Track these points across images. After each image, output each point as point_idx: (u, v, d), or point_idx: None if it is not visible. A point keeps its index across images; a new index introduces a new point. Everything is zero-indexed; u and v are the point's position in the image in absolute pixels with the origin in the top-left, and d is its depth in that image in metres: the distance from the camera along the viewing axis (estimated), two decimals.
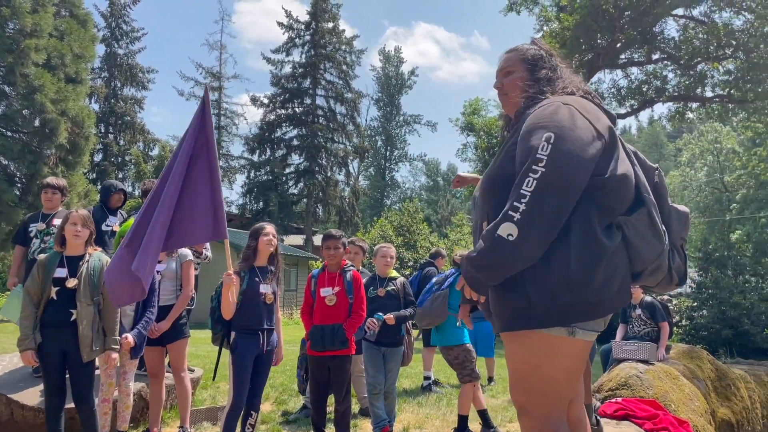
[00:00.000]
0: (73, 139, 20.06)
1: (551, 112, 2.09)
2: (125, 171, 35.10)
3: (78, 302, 3.91)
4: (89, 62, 22.40)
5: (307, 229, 36.35)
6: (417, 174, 62.27)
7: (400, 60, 55.52)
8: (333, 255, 4.58)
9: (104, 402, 4.29)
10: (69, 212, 4.10)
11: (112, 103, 35.56)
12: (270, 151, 38.39)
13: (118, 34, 36.87)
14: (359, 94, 40.03)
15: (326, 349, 4.43)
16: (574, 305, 2.03)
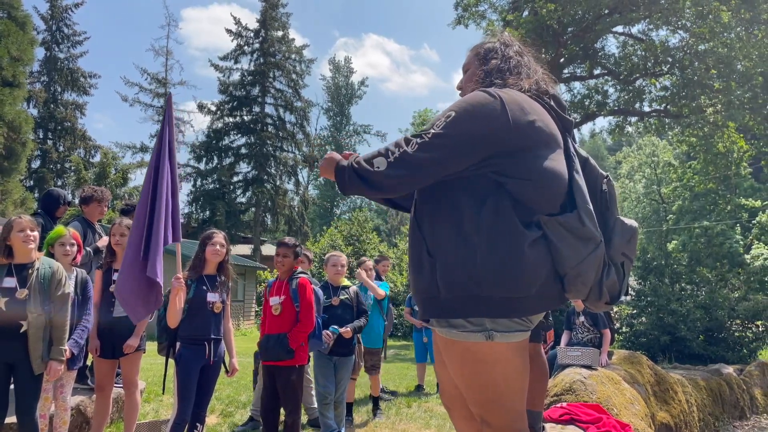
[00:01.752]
0: (9, 144, 19.24)
1: (468, 96, 2.14)
2: (65, 178, 33.85)
3: (29, 313, 3.73)
4: (27, 65, 21.59)
5: (256, 239, 35.83)
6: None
7: (351, 70, 55.71)
8: (281, 263, 4.53)
9: (41, 417, 4.08)
10: (12, 219, 3.91)
11: (51, 108, 34.27)
12: (217, 159, 37.71)
13: (59, 38, 35.61)
14: (309, 103, 39.85)
15: (272, 359, 4.38)
16: (481, 299, 2.00)
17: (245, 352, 13.26)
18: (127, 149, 38.53)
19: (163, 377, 4.44)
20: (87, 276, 4.41)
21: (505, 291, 1.99)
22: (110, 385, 4.66)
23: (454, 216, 2.08)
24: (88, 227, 5.48)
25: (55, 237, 4.30)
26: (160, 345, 4.28)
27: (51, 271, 3.89)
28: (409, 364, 11.57)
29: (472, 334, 2.04)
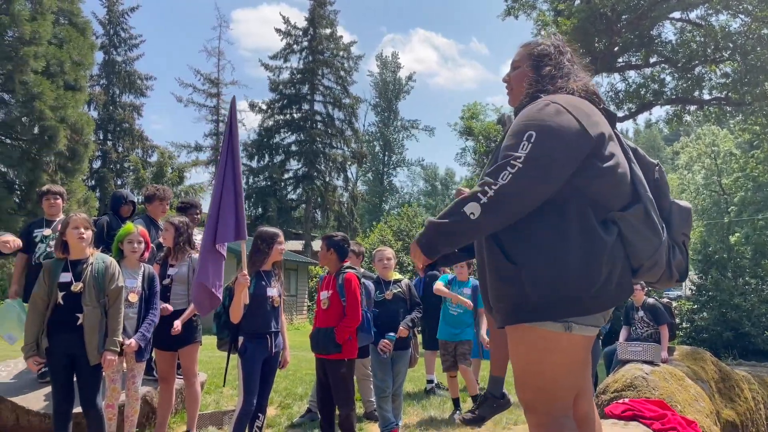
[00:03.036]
0: (72, 146, 20.04)
1: (537, 111, 2.14)
2: (124, 178, 35.03)
3: (84, 306, 3.92)
4: (88, 69, 22.41)
5: (306, 235, 36.31)
6: (415, 179, 62.16)
7: (398, 66, 55.63)
8: (326, 257, 4.61)
9: (109, 407, 4.28)
10: (68, 217, 4.10)
11: (110, 110, 35.51)
12: (268, 156, 38.37)
13: (117, 42, 36.85)
14: (357, 100, 40.06)
15: (321, 352, 4.45)
16: (571, 300, 2.06)
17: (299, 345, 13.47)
18: (182, 149, 39.61)
19: (224, 370, 4.56)
20: (153, 271, 4.59)
21: (592, 290, 2.06)
22: (172, 376, 4.84)
23: (536, 223, 2.11)
24: (152, 224, 5.67)
25: (124, 234, 4.48)
26: (221, 341, 4.39)
27: (104, 266, 4.06)
28: None
29: (551, 323, 2.10)
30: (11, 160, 19.00)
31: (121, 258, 4.45)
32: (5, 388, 4.91)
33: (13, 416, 4.69)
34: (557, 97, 2.20)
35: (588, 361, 2.29)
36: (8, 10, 18.17)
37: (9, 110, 19.37)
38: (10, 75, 18.35)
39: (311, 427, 5.39)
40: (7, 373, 5.29)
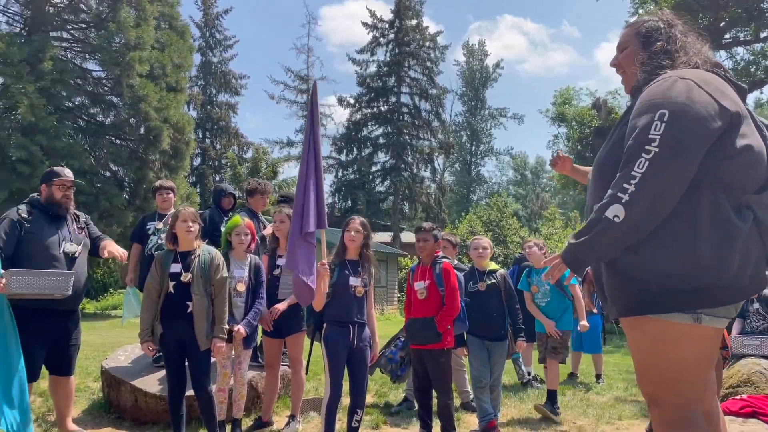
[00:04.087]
0: (174, 144, 21.16)
1: (666, 88, 1.98)
2: (222, 174, 36.68)
3: (193, 295, 4.14)
4: (187, 71, 23.55)
5: (395, 226, 36.58)
6: (504, 168, 60.96)
7: (485, 53, 54.72)
8: (422, 247, 4.59)
9: (220, 391, 4.51)
10: (177, 211, 4.32)
11: (208, 110, 37.28)
12: (357, 150, 38.93)
13: (212, 43, 38.58)
14: (444, 90, 39.81)
15: (419, 342, 4.46)
16: (701, 290, 1.92)
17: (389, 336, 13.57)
18: (275, 144, 40.98)
19: (308, 356, 4.66)
20: (260, 262, 4.77)
21: (725, 280, 1.92)
22: (278, 363, 5.03)
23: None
24: (253, 217, 5.90)
25: (232, 227, 4.68)
26: (308, 327, 4.51)
27: (210, 257, 4.26)
28: None
29: (678, 314, 1.98)
30: (121, 159, 20.33)
31: (229, 249, 4.66)
32: (125, 371, 5.28)
33: (132, 398, 5.03)
34: (685, 72, 2.05)
35: (716, 354, 2.14)
36: (115, 18, 19.39)
37: (118, 112, 20.71)
38: (118, 79, 19.60)
39: (408, 416, 5.44)
40: (125, 357, 5.68)
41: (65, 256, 4.36)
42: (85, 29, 21.08)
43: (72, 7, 20.44)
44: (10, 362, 3.98)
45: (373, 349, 4.42)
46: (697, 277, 1.91)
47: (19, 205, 4.49)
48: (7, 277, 3.92)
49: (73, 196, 4.62)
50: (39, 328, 4.24)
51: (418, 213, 38.78)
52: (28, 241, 4.26)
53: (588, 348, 7.86)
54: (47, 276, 4.08)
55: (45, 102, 17.34)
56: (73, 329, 4.52)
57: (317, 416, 5.26)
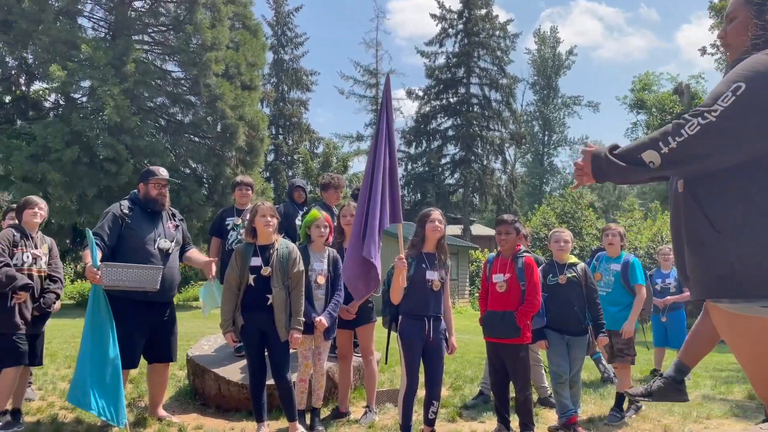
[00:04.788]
0: (250, 141, 21.79)
1: (755, 61, 1.87)
2: (294, 169, 37.49)
3: (273, 287, 4.24)
4: (261, 69, 24.18)
5: (465, 219, 36.30)
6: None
7: (557, 40, 53.25)
8: (504, 240, 4.50)
9: (301, 381, 4.61)
10: (256, 206, 4.43)
11: (280, 106, 38.17)
12: (426, 143, 38.86)
13: (284, 41, 39.42)
14: (514, 79, 39.11)
15: (497, 336, 4.40)
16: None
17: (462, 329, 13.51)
18: (345, 139, 41.53)
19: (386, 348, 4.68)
20: (337, 255, 4.83)
21: None
22: (350, 354, 5.09)
23: (749, 189, 1.88)
24: (327, 211, 5.98)
25: (311, 220, 4.77)
26: (384, 318, 4.52)
27: (288, 251, 4.36)
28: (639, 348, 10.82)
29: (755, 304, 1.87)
30: (200, 156, 21.13)
31: (308, 243, 4.74)
32: (209, 360, 5.49)
33: (216, 386, 5.22)
34: None
35: None
36: (192, 20, 20.13)
37: (196, 111, 21.52)
38: (196, 79, 20.34)
39: (484, 410, 5.39)
40: (209, 346, 5.90)
41: (160, 252, 4.62)
42: (165, 32, 22.00)
43: (152, 10, 21.35)
44: (104, 350, 4.22)
45: (449, 342, 4.39)
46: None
47: (121, 201, 4.78)
48: (103, 270, 4.19)
49: (168, 194, 4.86)
50: (138, 319, 4.52)
51: (488, 205, 38.34)
52: (127, 237, 4.56)
53: (673, 343, 7.54)
54: (138, 270, 4.32)
55: (129, 103, 18.22)
56: (170, 319, 4.79)
57: (393, 407, 5.29)
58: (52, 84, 19.52)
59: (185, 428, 4.61)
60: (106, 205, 18.23)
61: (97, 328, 4.24)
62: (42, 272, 4.61)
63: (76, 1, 19.86)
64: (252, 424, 4.64)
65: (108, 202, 18.39)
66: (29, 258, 4.52)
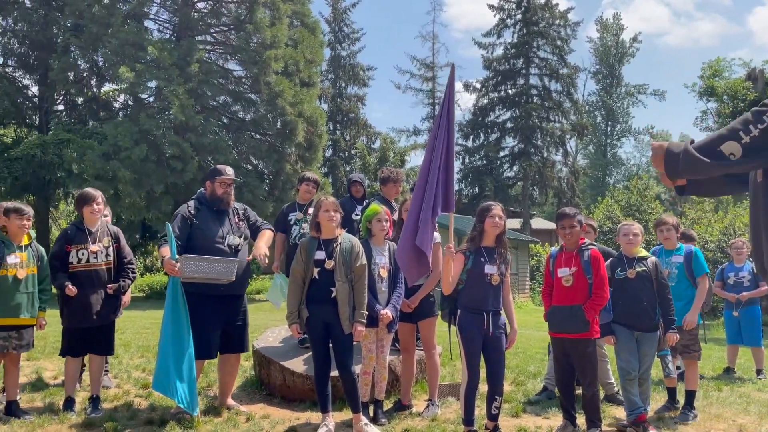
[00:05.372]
0: (309, 137, 22.09)
1: None
2: (352, 164, 37.79)
3: (336, 281, 4.30)
4: (319, 66, 24.47)
5: (524, 213, 35.73)
6: (644, 149, 57.19)
7: (620, 28, 51.51)
8: (569, 234, 4.40)
9: (365, 374, 4.66)
10: (320, 201, 4.49)
11: (338, 102, 38.52)
12: (483, 135, 38.44)
13: (341, 37, 39.73)
14: (575, 69, 38.15)
15: (564, 331, 4.31)
16: None
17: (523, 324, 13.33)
18: (401, 134, 41.58)
19: (448, 342, 4.67)
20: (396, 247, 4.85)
21: None
22: (413, 347, 5.10)
23: None
24: (387, 205, 6.00)
25: (371, 214, 4.80)
26: (442, 312, 4.51)
27: (351, 245, 4.40)
28: (711, 345, 10.41)
29: None
30: (261, 152, 21.59)
31: (369, 236, 4.78)
32: (274, 351, 5.61)
33: (281, 376, 5.34)
34: None
35: None
36: (252, 19, 20.54)
37: (257, 109, 21.97)
38: (257, 77, 20.76)
39: (548, 406, 5.30)
40: (273, 338, 6.04)
41: (229, 248, 4.80)
42: (226, 31, 22.55)
43: (214, 11, 21.91)
44: (182, 341, 4.41)
45: (510, 336, 4.34)
46: None
47: (188, 202, 4.98)
48: (182, 262, 4.39)
49: (233, 193, 5.02)
50: (213, 311, 4.71)
51: (549, 198, 37.64)
52: (197, 236, 4.76)
53: (747, 341, 7.21)
54: (215, 262, 4.53)
55: (193, 102, 18.77)
56: (241, 311, 4.96)
57: (455, 401, 5.27)
58: (121, 85, 20.35)
59: (253, 417, 4.73)
60: (172, 201, 19.02)
61: (176, 319, 4.45)
62: (106, 264, 4.77)
63: (143, 4, 20.60)
64: (317, 414, 4.72)
65: (174, 198, 19.11)
66: (84, 254, 4.66)
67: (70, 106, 23.91)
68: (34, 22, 21.68)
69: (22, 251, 4.57)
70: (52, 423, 4.43)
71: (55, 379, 5.80)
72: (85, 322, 4.66)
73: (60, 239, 4.80)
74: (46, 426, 4.36)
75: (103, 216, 5.25)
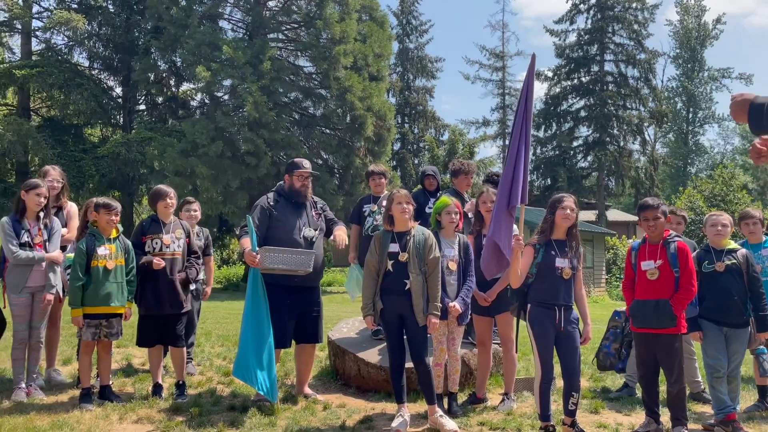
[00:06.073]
0: (377, 131, 22.21)
1: None
2: (420, 157, 37.69)
3: (410, 273, 4.30)
4: (387, 59, 24.51)
5: (600, 204, 34.60)
6: (728, 136, 54.16)
7: (702, 9, 48.85)
8: (653, 226, 4.22)
9: (437, 366, 4.65)
10: (392, 194, 4.51)
11: (406, 95, 38.47)
12: (556, 125, 37.42)
13: (409, 30, 39.59)
14: (654, 54, 36.51)
15: (648, 326, 4.15)
16: None
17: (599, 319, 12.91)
18: (470, 125, 41.12)
19: (515, 336, 4.59)
20: (468, 241, 4.82)
21: None
22: (489, 341, 5.05)
23: None
24: (458, 197, 5.95)
25: (441, 207, 4.78)
26: (512, 306, 4.43)
27: (424, 237, 4.39)
28: None
29: None
30: (331, 147, 21.91)
31: (439, 229, 4.76)
32: (348, 342, 5.69)
33: (356, 367, 5.41)
34: None
35: None
36: (321, 15, 20.82)
37: (326, 104, 22.28)
38: (326, 73, 21.04)
39: (629, 402, 5.13)
40: (347, 329, 6.12)
41: (305, 240, 4.91)
42: (296, 28, 22.97)
43: (285, 9, 22.35)
44: (262, 331, 4.56)
45: (584, 331, 4.21)
46: None
47: (267, 194, 5.15)
48: (262, 254, 4.54)
49: (310, 185, 5.14)
50: (288, 301, 4.87)
51: (626, 189, 36.30)
52: (274, 227, 4.92)
53: None
54: (294, 254, 4.67)
55: (266, 99, 19.24)
56: (316, 302, 5.10)
57: (531, 396, 5.19)
58: (198, 84, 21.13)
59: (330, 406, 4.82)
60: (247, 195, 19.62)
61: (256, 309, 4.60)
62: (176, 255, 5.00)
63: (217, 4, 21.26)
64: (391, 405, 4.76)
65: (249, 192, 19.71)
66: (158, 243, 4.95)
67: (151, 105, 25.05)
68: (117, 25, 22.82)
69: (110, 243, 4.83)
70: (143, 407, 4.67)
71: (142, 365, 6.10)
72: (158, 310, 4.91)
73: (136, 231, 5.10)
74: (137, 410, 4.60)
75: (193, 211, 5.76)
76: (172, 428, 4.21)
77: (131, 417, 4.48)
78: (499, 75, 41.79)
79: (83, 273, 4.68)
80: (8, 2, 20.85)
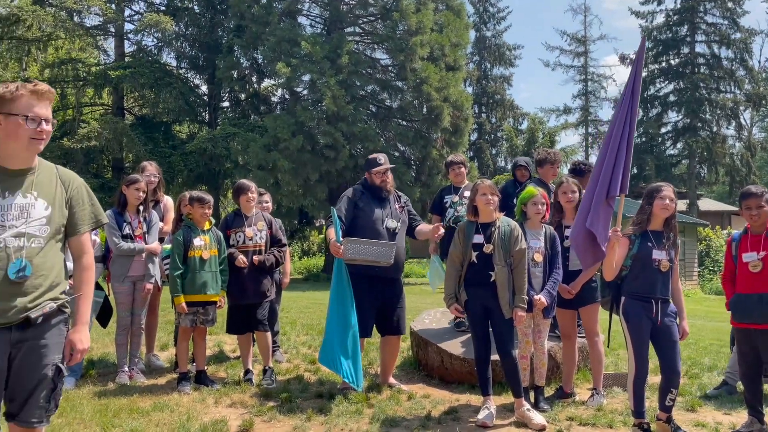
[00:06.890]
0: (454, 122, 22.01)
1: None
2: (498, 147, 37.14)
3: (495, 265, 4.25)
4: (464, 49, 24.18)
5: (691, 193, 32.89)
6: None
7: None
8: (756, 215, 3.98)
9: (522, 358, 4.58)
10: (476, 184, 4.46)
11: (483, 84, 37.96)
12: (643, 110, 35.82)
13: (486, 18, 39.00)
14: (750, 33, 34.21)
15: (752, 321, 3.92)
16: None
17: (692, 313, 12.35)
18: (551, 113, 40.03)
19: (608, 330, 4.44)
20: (554, 232, 4.71)
21: None
22: (574, 334, 4.92)
23: None
24: (543, 187, 5.81)
25: (526, 197, 4.70)
26: (603, 299, 4.29)
27: (509, 228, 4.32)
28: None
29: None
30: (407, 139, 21.90)
31: (524, 220, 4.68)
32: (431, 333, 5.70)
33: (438, 358, 5.41)
34: None
35: None
36: (397, 6, 20.82)
37: (403, 96, 22.28)
38: (403, 64, 21.03)
39: (728, 401, 4.87)
40: (429, 320, 6.13)
41: (387, 231, 4.96)
42: (373, 21, 23.09)
43: (362, 2, 22.49)
44: (347, 319, 4.65)
45: (681, 326, 4.03)
46: None
47: (354, 186, 5.25)
48: (345, 245, 4.63)
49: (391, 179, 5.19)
50: (370, 292, 4.93)
51: (720, 177, 34.34)
52: (358, 217, 5.00)
53: None
54: (376, 246, 4.73)
55: (344, 92, 19.47)
56: (398, 295, 5.13)
57: (621, 392, 5.02)
58: (278, 80, 21.66)
59: (414, 396, 4.86)
60: (326, 188, 19.99)
61: (341, 298, 4.70)
62: (259, 246, 5.21)
63: (296, 1, 21.68)
64: (475, 396, 4.74)
65: (328, 185, 20.07)
66: (241, 237, 5.19)
67: (234, 102, 25.95)
68: (202, 25, 23.76)
69: (204, 235, 5.05)
70: (236, 392, 4.88)
71: (233, 352, 6.36)
72: (243, 299, 5.14)
73: (222, 225, 5.37)
74: (230, 394, 4.81)
75: (265, 203, 5.90)
76: (264, 413, 4.38)
77: (225, 401, 4.69)
78: (581, 60, 40.50)
79: (181, 263, 4.94)
80: (103, 7, 22.12)
